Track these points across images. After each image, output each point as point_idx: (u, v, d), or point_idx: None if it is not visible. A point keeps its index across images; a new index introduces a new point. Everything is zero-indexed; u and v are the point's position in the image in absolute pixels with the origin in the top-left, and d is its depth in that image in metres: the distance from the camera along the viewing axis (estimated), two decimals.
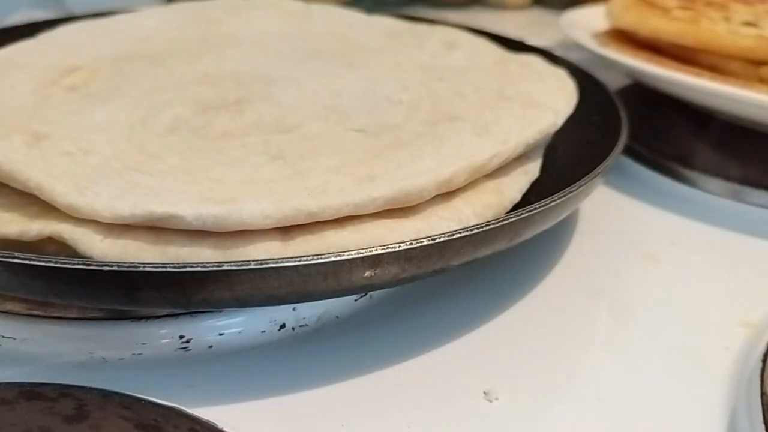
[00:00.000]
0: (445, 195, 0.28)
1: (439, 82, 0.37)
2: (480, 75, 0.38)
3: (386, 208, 0.26)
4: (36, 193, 0.25)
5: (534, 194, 0.32)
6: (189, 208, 0.23)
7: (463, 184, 0.29)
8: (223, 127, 0.32)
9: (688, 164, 0.41)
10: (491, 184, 0.30)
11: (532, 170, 0.33)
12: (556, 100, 0.35)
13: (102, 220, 0.24)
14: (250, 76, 0.37)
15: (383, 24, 0.47)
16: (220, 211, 0.23)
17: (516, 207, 0.27)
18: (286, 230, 0.25)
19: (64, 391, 0.21)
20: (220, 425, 0.21)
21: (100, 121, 0.32)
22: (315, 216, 0.25)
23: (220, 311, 0.27)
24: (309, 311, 0.28)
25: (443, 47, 0.42)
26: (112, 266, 0.22)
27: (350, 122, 0.33)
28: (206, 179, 0.26)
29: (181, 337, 0.26)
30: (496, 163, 0.30)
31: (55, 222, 0.24)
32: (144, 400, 0.22)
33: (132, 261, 0.23)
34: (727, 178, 0.40)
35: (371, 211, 0.26)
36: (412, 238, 0.24)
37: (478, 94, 0.36)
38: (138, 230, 0.24)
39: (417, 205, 0.27)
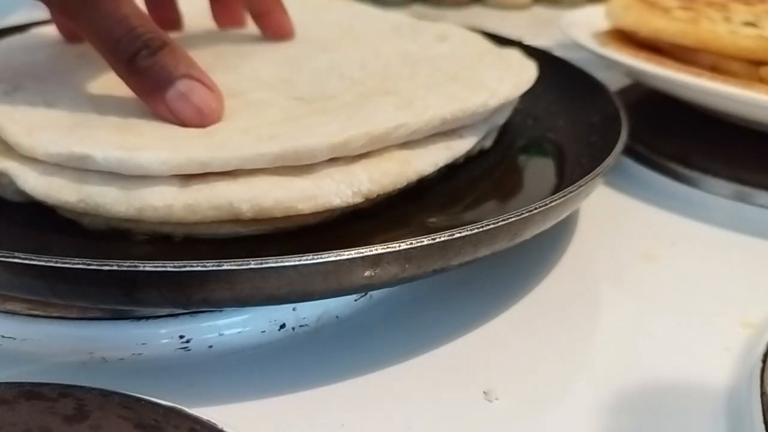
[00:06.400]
0: (348, 159, 0.29)
1: (404, 67, 0.37)
2: (450, 62, 0.38)
3: (276, 164, 0.27)
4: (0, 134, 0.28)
5: (534, 194, 0.32)
6: (100, 150, 0.26)
7: (362, 151, 0.29)
8: None
9: (688, 164, 0.41)
10: (399, 154, 0.30)
11: (458, 147, 0.33)
12: (501, 83, 0.35)
13: (37, 157, 0.27)
14: (231, 52, 0.38)
15: (393, 19, 0.46)
16: (124, 155, 0.26)
17: (516, 207, 0.27)
18: (186, 179, 0.27)
19: (64, 391, 0.21)
20: (220, 425, 0.21)
21: (83, 80, 0.33)
22: (206, 166, 0.26)
23: (220, 311, 0.27)
24: (309, 311, 0.28)
25: (434, 40, 0.42)
26: (112, 266, 0.22)
27: (294, 91, 0.33)
28: (131, 134, 0.28)
29: (181, 337, 0.26)
30: (402, 133, 0.30)
31: (8, 160, 0.28)
32: (144, 400, 0.22)
33: (53, 197, 0.27)
34: (727, 178, 0.40)
35: (261, 166, 0.27)
36: (298, 196, 0.26)
37: (431, 76, 0.35)
38: (65, 170, 0.27)
39: (314, 165, 0.28)
